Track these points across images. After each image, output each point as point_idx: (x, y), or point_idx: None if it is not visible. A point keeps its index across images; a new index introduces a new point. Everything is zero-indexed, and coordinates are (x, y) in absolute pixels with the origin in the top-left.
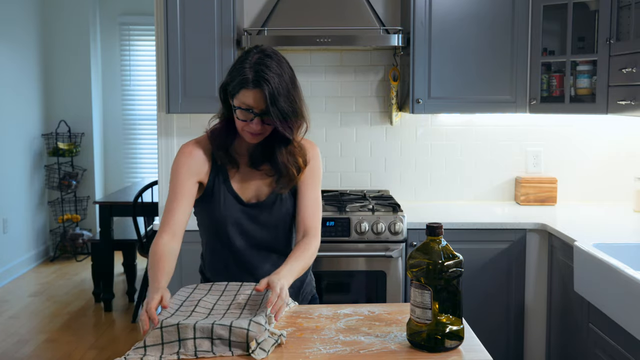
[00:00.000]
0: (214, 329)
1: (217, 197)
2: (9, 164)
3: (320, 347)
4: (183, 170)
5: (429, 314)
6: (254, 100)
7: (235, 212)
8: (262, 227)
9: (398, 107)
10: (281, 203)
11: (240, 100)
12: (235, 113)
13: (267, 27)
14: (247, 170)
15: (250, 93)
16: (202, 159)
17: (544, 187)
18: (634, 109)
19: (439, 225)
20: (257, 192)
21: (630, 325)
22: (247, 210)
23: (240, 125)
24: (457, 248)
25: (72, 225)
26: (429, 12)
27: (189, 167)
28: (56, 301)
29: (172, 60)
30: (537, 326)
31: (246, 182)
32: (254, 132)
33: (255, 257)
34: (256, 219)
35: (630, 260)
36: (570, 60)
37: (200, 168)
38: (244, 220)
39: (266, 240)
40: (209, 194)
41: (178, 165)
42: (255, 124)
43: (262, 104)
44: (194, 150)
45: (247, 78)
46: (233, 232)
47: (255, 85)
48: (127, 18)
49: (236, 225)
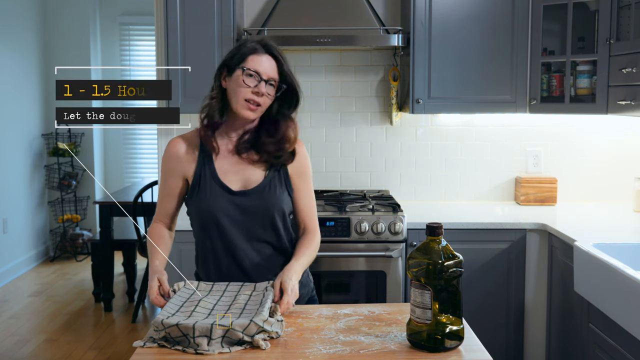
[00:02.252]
0: (213, 329)
1: (203, 188)
2: (9, 164)
3: (320, 347)
4: (168, 168)
5: (429, 314)
6: (263, 64)
7: (223, 201)
8: (250, 216)
9: (398, 107)
10: (269, 191)
11: (248, 65)
12: (238, 81)
13: (267, 27)
14: (232, 159)
15: (259, 58)
16: (186, 154)
17: (544, 187)
18: (634, 109)
19: (439, 225)
20: (244, 181)
21: (630, 325)
22: (235, 199)
23: (242, 94)
24: (457, 248)
25: (72, 225)
26: (429, 12)
27: (173, 164)
28: (56, 301)
29: (172, 60)
30: (537, 326)
31: (233, 171)
32: (257, 100)
33: (244, 249)
34: (244, 207)
35: (630, 260)
36: (570, 60)
37: (185, 164)
38: (232, 209)
39: (254, 229)
40: (195, 186)
41: (163, 163)
42: (262, 89)
43: (270, 70)
44: (178, 146)
45: (255, 47)
46: (222, 221)
47: (266, 51)
48: (127, 18)
49: (225, 214)
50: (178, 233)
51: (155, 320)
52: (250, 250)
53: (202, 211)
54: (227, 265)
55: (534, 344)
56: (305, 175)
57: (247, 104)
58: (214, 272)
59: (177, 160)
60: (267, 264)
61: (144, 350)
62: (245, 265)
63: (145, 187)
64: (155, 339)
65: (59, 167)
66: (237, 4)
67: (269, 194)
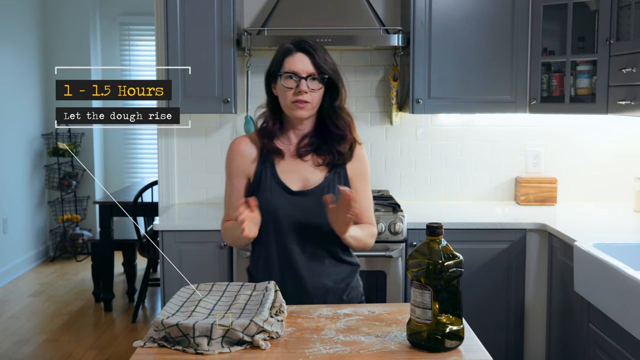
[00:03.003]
0: (213, 329)
1: (263, 186)
2: (9, 164)
3: (320, 347)
4: (231, 168)
5: (429, 314)
6: (298, 63)
7: (282, 201)
8: (308, 216)
9: (398, 107)
10: (329, 192)
11: (285, 69)
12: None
13: (267, 27)
14: (293, 161)
15: (294, 58)
16: (248, 153)
17: (544, 187)
18: (634, 109)
19: (439, 225)
20: (304, 182)
21: (630, 325)
22: (294, 199)
23: (288, 97)
24: (457, 248)
25: (72, 225)
26: (429, 12)
27: (236, 164)
28: (56, 301)
29: (172, 60)
30: (537, 326)
31: (293, 171)
32: (303, 98)
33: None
34: (303, 207)
35: (630, 260)
36: (570, 60)
37: (246, 163)
38: (291, 209)
39: (311, 230)
40: (256, 185)
41: (227, 163)
42: (303, 87)
43: (306, 66)
44: (240, 146)
45: (288, 48)
46: (280, 220)
47: (298, 49)
48: (127, 18)
49: (283, 213)
50: (178, 233)
51: (155, 320)
52: (304, 251)
53: (261, 209)
54: (279, 263)
55: (534, 344)
56: (366, 178)
57: (295, 104)
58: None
59: (240, 159)
60: (320, 266)
61: (144, 350)
62: (298, 266)
63: (145, 187)
64: (155, 339)
65: (59, 167)
66: (237, 4)
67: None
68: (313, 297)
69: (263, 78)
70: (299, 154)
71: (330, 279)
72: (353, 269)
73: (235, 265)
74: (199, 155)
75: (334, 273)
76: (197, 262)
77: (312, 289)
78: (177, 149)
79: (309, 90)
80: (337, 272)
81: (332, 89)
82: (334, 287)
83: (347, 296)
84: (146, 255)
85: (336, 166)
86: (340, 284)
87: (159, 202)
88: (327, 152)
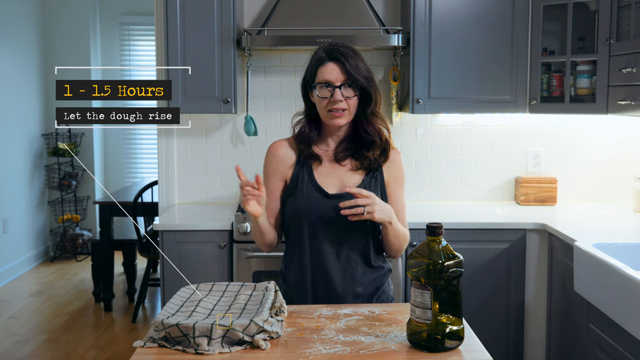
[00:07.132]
0: (213, 329)
1: (300, 189)
2: (9, 164)
3: (320, 347)
4: (269, 169)
5: (429, 314)
6: (330, 73)
7: (318, 203)
8: (344, 218)
9: (398, 107)
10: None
11: (319, 79)
12: (317, 97)
13: (267, 27)
14: (331, 165)
15: (326, 68)
16: (285, 156)
17: (544, 187)
18: (634, 109)
19: (439, 225)
20: (341, 185)
21: (630, 325)
22: (331, 202)
23: (324, 107)
24: (457, 248)
25: (72, 225)
26: (429, 12)
27: (274, 166)
28: (56, 301)
29: (172, 60)
30: (537, 326)
31: (331, 175)
32: (338, 106)
33: (332, 252)
34: (339, 210)
35: (630, 260)
36: (570, 60)
37: (284, 165)
38: (326, 211)
39: (346, 233)
40: (292, 187)
41: (265, 164)
42: (338, 96)
43: (339, 74)
44: (278, 149)
45: (321, 56)
46: (314, 222)
47: (330, 58)
48: (127, 18)
49: (319, 214)
50: (178, 233)
51: (155, 320)
52: (339, 255)
53: (297, 211)
54: (311, 266)
55: (534, 344)
56: (402, 183)
57: (331, 113)
58: (297, 273)
59: (278, 161)
60: (353, 272)
61: (144, 350)
62: (331, 270)
63: (145, 187)
64: (155, 339)
65: (59, 167)
66: (237, 4)
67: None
68: (343, 300)
69: (263, 78)
70: (337, 158)
71: (362, 285)
72: (384, 273)
73: (235, 265)
74: (199, 155)
75: (366, 279)
76: (197, 262)
77: (343, 293)
78: (177, 149)
79: (344, 98)
80: (369, 279)
81: (365, 95)
82: (363, 292)
83: (377, 300)
84: (146, 255)
85: (373, 170)
86: (368, 288)
87: (159, 202)
88: (364, 157)
